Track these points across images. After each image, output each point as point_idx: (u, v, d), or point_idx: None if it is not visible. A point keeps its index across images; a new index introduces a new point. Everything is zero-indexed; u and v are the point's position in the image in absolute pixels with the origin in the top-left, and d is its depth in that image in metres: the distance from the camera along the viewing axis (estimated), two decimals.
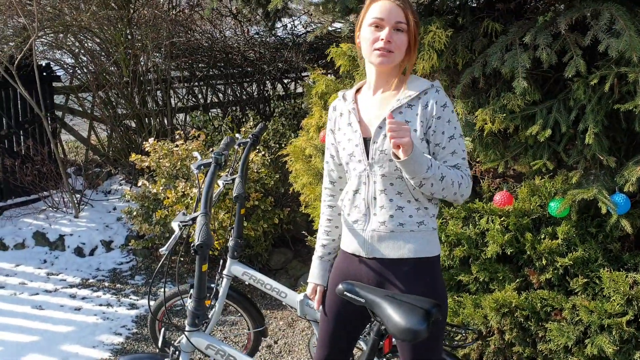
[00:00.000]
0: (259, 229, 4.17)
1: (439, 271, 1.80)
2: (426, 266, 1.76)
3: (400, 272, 1.75)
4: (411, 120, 1.71)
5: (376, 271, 1.78)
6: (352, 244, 1.82)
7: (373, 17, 1.70)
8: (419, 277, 1.75)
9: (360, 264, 1.81)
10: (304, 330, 3.67)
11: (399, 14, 1.68)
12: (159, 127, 5.97)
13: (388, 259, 1.76)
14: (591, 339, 2.38)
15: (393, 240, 1.75)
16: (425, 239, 1.76)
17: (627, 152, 2.49)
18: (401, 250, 1.74)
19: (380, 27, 1.69)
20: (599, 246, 2.48)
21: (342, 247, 1.89)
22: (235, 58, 6.26)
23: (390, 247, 1.75)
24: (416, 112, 1.72)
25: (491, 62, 2.45)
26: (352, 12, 2.89)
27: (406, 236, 1.74)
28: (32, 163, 5.40)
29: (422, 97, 1.72)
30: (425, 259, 1.76)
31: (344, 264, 1.87)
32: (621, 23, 2.15)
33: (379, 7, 1.69)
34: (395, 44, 1.69)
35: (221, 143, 2.15)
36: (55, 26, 5.35)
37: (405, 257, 1.74)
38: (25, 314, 3.82)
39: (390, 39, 1.68)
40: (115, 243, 5.04)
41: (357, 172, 1.78)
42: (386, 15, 1.68)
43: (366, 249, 1.79)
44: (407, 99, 1.72)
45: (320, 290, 1.97)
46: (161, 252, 1.77)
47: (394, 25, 1.68)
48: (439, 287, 1.77)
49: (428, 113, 1.71)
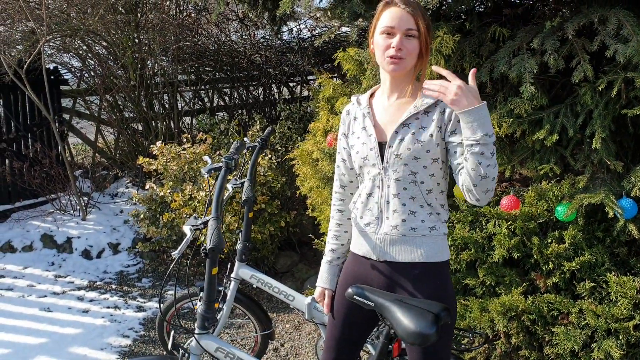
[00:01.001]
0: (265, 232, 4.18)
1: (448, 275, 1.81)
2: (436, 270, 1.78)
3: (410, 275, 1.77)
4: (427, 126, 1.74)
5: (386, 274, 1.80)
6: (363, 247, 1.84)
7: (384, 25, 1.73)
8: (428, 281, 1.76)
9: (371, 267, 1.83)
10: (310, 334, 3.68)
11: (409, 21, 1.70)
12: (165, 130, 6.00)
13: (398, 262, 1.78)
14: (598, 343, 2.38)
15: (404, 244, 1.77)
16: (436, 244, 1.78)
17: (634, 157, 2.50)
18: (412, 254, 1.76)
19: (392, 34, 1.72)
20: (606, 250, 2.49)
21: (353, 250, 1.91)
22: (242, 62, 6.30)
23: (402, 251, 1.77)
24: (432, 117, 1.74)
25: (498, 67, 2.47)
26: (360, 17, 2.91)
27: (418, 240, 1.76)
28: (40, 166, 5.44)
29: (439, 104, 1.75)
30: (435, 264, 1.77)
31: (354, 267, 1.89)
32: (628, 28, 2.16)
33: (390, 15, 1.72)
34: (406, 50, 1.71)
35: (231, 147, 2.17)
36: (63, 30, 5.39)
37: (416, 261, 1.76)
38: (34, 316, 3.85)
39: (402, 46, 1.71)
40: (122, 246, 5.07)
41: (371, 175, 1.80)
42: (397, 23, 1.70)
43: (377, 252, 1.81)
44: (424, 105, 1.74)
45: (328, 295, 1.99)
46: (173, 256, 1.79)
47: (405, 32, 1.71)
48: (448, 291, 1.79)
49: (446, 117, 1.73)
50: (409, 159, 1.73)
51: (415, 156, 1.73)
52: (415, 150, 1.72)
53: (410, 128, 1.74)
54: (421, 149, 1.72)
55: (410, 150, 1.72)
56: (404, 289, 1.77)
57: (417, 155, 1.73)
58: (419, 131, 1.73)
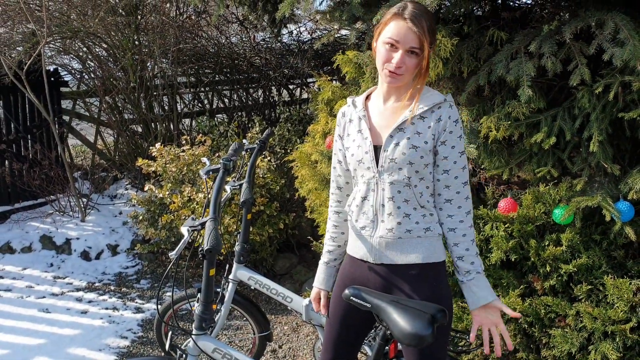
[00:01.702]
0: (264, 234, 4.19)
1: (445, 276, 1.82)
2: (432, 271, 1.79)
3: (406, 277, 1.78)
4: (423, 132, 1.74)
5: (383, 277, 1.81)
6: (360, 250, 1.85)
7: (389, 36, 1.70)
8: (425, 282, 1.77)
9: (368, 270, 1.84)
10: (308, 335, 3.68)
11: (414, 39, 1.68)
12: (165, 132, 6.01)
13: (395, 264, 1.79)
14: (595, 346, 2.39)
15: (400, 246, 1.78)
16: (432, 245, 1.79)
17: (632, 160, 2.51)
18: (408, 256, 1.77)
19: (395, 48, 1.70)
20: (603, 253, 2.49)
21: (349, 252, 1.91)
22: (241, 64, 6.31)
23: (398, 253, 1.78)
24: (428, 124, 1.74)
25: (496, 70, 2.47)
26: (359, 20, 2.92)
27: (413, 242, 1.77)
28: (39, 167, 5.45)
29: (436, 111, 1.75)
30: (432, 265, 1.79)
31: (350, 269, 1.89)
32: (625, 32, 2.17)
33: (397, 29, 1.69)
34: (405, 66, 1.71)
35: (230, 149, 2.17)
36: (63, 32, 5.40)
37: (412, 262, 1.77)
38: (32, 317, 3.85)
39: (402, 63, 1.70)
40: (121, 247, 5.07)
41: (366, 179, 1.81)
42: (402, 39, 1.68)
43: (374, 255, 1.81)
44: (420, 110, 1.75)
45: (324, 295, 1.99)
46: (170, 257, 1.80)
47: (408, 49, 1.69)
48: (445, 292, 1.80)
49: (441, 127, 1.74)
50: (403, 164, 1.74)
51: (410, 161, 1.73)
52: (410, 155, 1.73)
53: (406, 133, 1.75)
54: (416, 154, 1.73)
55: (405, 155, 1.73)
56: (401, 290, 1.78)
57: (412, 160, 1.73)
58: (414, 136, 1.74)
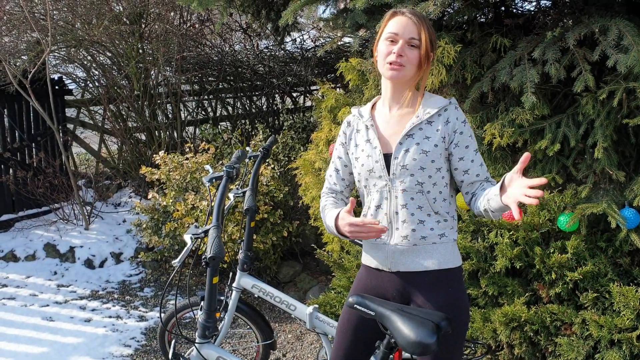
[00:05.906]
0: (267, 242, 4.18)
1: (462, 282, 1.81)
2: (448, 277, 1.78)
3: (423, 284, 1.78)
4: (431, 136, 1.75)
5: (399, 285, 1.80)
6: (375, 259, 1.85)
7: (389, 32, 1.75)
8: (441, 288, 1.77)
9: (384, 278, 1.83)
10: (312, 344, 3.67)
11: (413, 30, 1.73)
12: (168, 140, 6.02)
13: (411, 272, 1.78)
14: (601, 354, 2.37)
15: (416, 253, 1.77)
16: (447, 251, 1.79)
17: (637, 167, 2.50)
18: (424, 262, 1.77)
19: (395, 41, 1.74)
20: (609, 260, 2.48)
21: (364, 262, 1.91)
22: (245, 72, 6.33)
23: (414, 260, 1.78)
24: (436, 128, 1.76)
25: (500, 76, 2.47)
26: (362, 27, 2.92)
27: (428, 249, 1.77)
28: (43, 175, 5.46)
29: (442, 114, 1.77)
30: (448, 270, 1.78)
31: (367, 280, 1.89)
32: (629, 39, 2.17)
33: (396, 23, 1.75)
34: (407, 58, 1.73)
35: (233, 156, 2.17)
36: (68, 41, 5.43)
37: (428, 269, 1.77)
38: (36, 325, 3.84)
39: (403, 53, 1.73)
40: (124, 255, 5.07)
41: (378, 187, 1.81)
42: (401, 30, 1.73)
43: (389, 263, 1.81)
44: (426, 115, 1.76)
45: (344, 210, 1.77)
46: (174, 265, 1.79)
47: (408, 41, 1.73)
48: (461, 298, 1.78)
49: (450, 129, 1.75)
50: (415, 169, 1.74)
51: (421, 166, 1.74)
52: (421, 161, 1.74)
53: (415, 138, 1.76)
54: (426, 159, 1.74)
55: (415, 160, 1.74)
56: (417, 297, 1.78)
57: (423, 165, 1.74)
58: (423, 141, 1.75)
